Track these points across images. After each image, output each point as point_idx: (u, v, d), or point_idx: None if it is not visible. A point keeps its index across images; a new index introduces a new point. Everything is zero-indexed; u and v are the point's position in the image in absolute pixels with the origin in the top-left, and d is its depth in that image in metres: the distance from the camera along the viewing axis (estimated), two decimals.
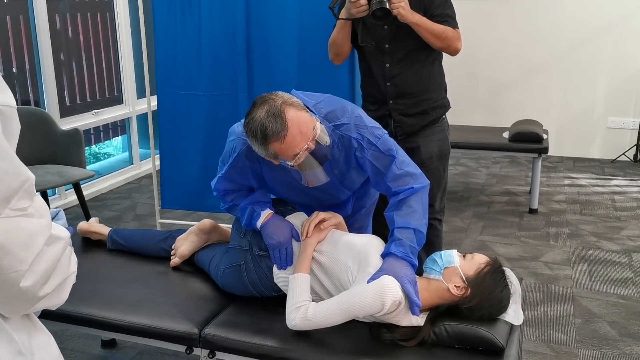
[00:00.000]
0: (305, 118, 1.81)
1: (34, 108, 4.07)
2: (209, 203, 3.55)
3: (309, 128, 1.81)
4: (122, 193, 4.97)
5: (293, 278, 1.91)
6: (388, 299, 1.73)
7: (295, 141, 1.78)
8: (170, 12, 3.32)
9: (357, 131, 1.98)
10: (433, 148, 2.74)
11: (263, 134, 1.77)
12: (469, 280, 1.83)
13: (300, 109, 1.82)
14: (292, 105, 1.80)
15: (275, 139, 1.77)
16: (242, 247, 2.11)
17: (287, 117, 1.76)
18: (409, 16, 2.45)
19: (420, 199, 1.98)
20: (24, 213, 0.95)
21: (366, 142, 1.98)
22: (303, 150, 1.82)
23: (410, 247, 1.88)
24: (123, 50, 5.20)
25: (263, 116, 1.77)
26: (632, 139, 5.76)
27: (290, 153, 1.81)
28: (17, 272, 0.94)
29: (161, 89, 3.45)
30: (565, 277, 3.38)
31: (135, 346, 2.72)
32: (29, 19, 4.23)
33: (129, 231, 2.56)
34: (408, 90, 2.66)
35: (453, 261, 1.87)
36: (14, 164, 0.93)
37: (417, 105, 2.68)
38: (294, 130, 1.77)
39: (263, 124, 1.76)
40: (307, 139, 1.81)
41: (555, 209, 4.50)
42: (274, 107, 1.77)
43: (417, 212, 1.95)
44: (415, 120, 2.70)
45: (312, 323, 1.81)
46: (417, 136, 2.72)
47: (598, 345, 2.72)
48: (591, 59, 5.72)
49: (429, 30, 2.50)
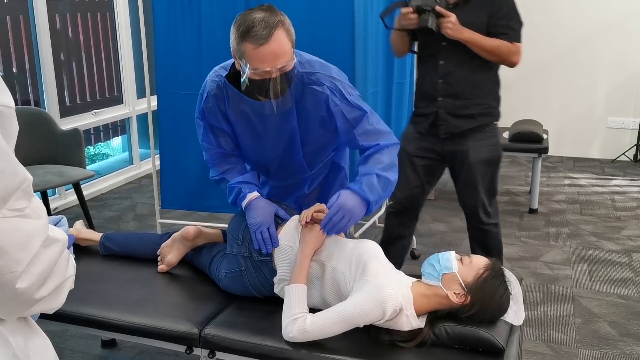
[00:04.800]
0: (288, 48, 1.86)
1: (34, 108, 4.07)
2: (209, 203, 3.54)
3: (284, 58, 1.85)
4: (122, 193, 4.97)
5: (289, 289, 1.87)
6: (388, 307, 1.72)
7: (264, 57, 1.82)
8: (170, 12, 3.32)
9: (331, 82, 2.02)
10: (482, 153, 2.74)
11: (246, 30, 1.81)
12: (469, 287, 1.79)
13: (290, 40, 1.87)
14: (287, 31, 1.85)
15: (252, 41, 1.81)
16: (242, 254, 2.09)
17: (275, 34, 1.81)
18: (457, 35, 2.54)
19: (388, 154, 2.02)
20: (21, 214, 0.94)
21: (339, 92, 2.02)
22: (264, 71, 1.85)
23: (367, 185, 1.93)
24: (123, 50, 5.20)
25: (258, 18, 1.81)
26: (632, 139, 5.76)
27: (253, 63, 1.84)
28: (12, 273, 0.93)
29: (161, 89, 3.44)
30: (565, 277, 3.38)
31: (135, 346, 2.72)
32: (29, 19, 4.23)
33: (122, 235, 2.51)
34: (458, 90, 2.68)
35: (451, 267, 1.82)
36: (12, 163, 0.93)
37: (465, 107, 2.69)
38: (272, 47, 1.81)
39: (253, 23, 1.81)
40: (275, 65, 1.84)
41: (555, 209, 4.50)
42: (271, 18, 1.82)
43: (383, 162, 1.99)
44: (460, 122, 2.71)
45: (310, 335, 1.77)
46: (467, 139, 2.73)
47: (598, 345, 2.72)
48: (591, 59, 5.72)
49: (480, 47, 2.57)
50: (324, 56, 3.06)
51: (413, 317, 1.80)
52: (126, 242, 2.46)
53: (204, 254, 2.30)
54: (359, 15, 3.07)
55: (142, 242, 2.45)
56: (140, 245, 2.43)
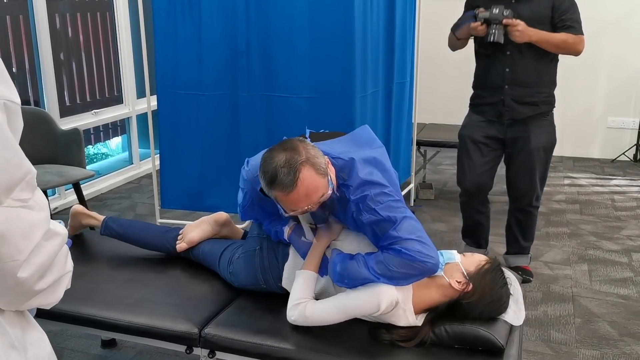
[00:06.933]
0: (318, 184, 1.76)
1: (34, 108, 4.06)
2: (209, 203, 3.55)
3: (317, 194, 1.77)
4: (122, 193, 4.97)
5: (300, 273, 1.94)
6: (384, 301, 1.76)
7: (297, 201, 1.77)
8: (170, 12, 3.32)
9: (360, 193, 1.84)
10: (542, 140, 3.00)
11: (271, 179, 1.75)
12: (470, 276, 1.84)
13: (318, 173, 1.76)
14: (313, 166, 1.75)
15: (279, 190, 1.75)
16: (261, 235, 2.17)
17: (301, 177, 1.72)
18: (525, 39, 2.74)
19: (397, 263, 1.77)
20: (24, 204, 0.97)
21: (365, 206, 1.83)
22: (302, 210, 1.81)
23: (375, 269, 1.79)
24: (123, 50, 5.20)
25: (280, 163, 1.73)
26: (632, 138, 5.76)
27: (288, 207, 1.80)
28: (14, 262, 0.96)
29: (161, 88, 3.45)
30: (565, 277, 3.38)
31: (135, 346, 2.72)
32: (29, 18, 4.23)
33: (128, 220, 2.55)
34: (525, 79, 2.88)
35: (454, 258, 1.90)
36: (18, 155, 0.96)
37: (530, 95, 2.92)
38: (300, 191, 1.74)
39: (276, 171, 1.73)
40: (310, 203, 1.78)
41: (555, 208, 4.50)
42: (294, 160, 1.73)
43: (383, 265, 1.78)
44: (524, 109, 2.94)
45: (309, 320, 1.85)
46: (528, 125, 2.97)
47: (598, 345, 2.72)
48: (591, 59, 5.71)
49: (549, 43, 2.79)
50: (324, 56, 3.09)
51: (410, 312, 1.81)
52: (129, 224, 2.48)
53: (218, 243, 2.33)
54: (359, 15, 3.07)
55: (146, 229, 2.46)
56: (143, 230, 2.45)
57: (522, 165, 3.05)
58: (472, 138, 3.08)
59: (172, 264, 2.38)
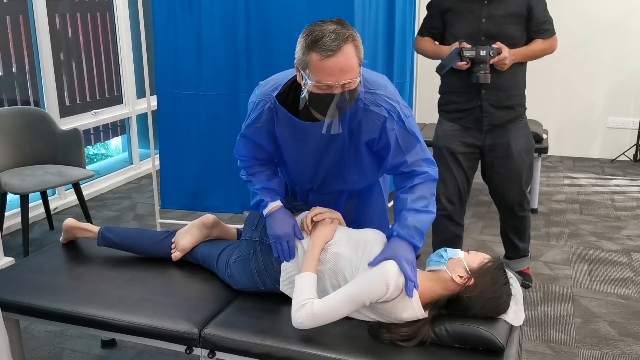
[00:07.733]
0: (354, 65, 1.76)
1: (33, 108, 4.06)
2: (209, 203, 3.55)
3: (349, 74, 1.76)
4: (122, 193, 4.97)
5: (299, 277, 1.90)
6: (391, 280, 1.76)
7: (330, 69, 1.73)
8: (170, 12, 3.32)
9: (390, 104, 1.94)
10: (521, 143, 2.93)
11: (314, 40, 1.73)
12: (473, 272, 1.85)
13: (358, 56, 1.78)
14: (356, 48, 1.77)
15: (319, 51, 1.72)
16: (253, 238, 2.14)
17: (344, 47, 1.72)
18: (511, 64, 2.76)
19: (430, 188, 1.99)
20: None
21: (397, 115, 1.93)
22: (326, 85, 1.76)
23: (415, 229, 1.90)
24: (123, 50, 5.20)
25: (329, 29, 1.73)
26: (631, 138, 5.76)
27: (318, 74, 1.75)
28: None
29: (161, 89, 3.45)
30: (565, 276, 3.39)
31: (135, 346, 2.72)
32: (28, 19, 4.23)
33: (124, 229, 2.51)
34: (502, 82, 2.82)
35: (458, 254, 1.91)
36: None
37: (507, 99, 2.86)
38: (339, 60, 1.72)
39: (323, 33, 1.72)
40: (338, 80, 1.75)
41: (555, 208, 4.50)
42: (343, 31, 1.74)
43: (427, 199, 1.97)
44: (502, 113, 2.87)
45: (318, 318, 1.79)
46: (507, 131, 2.90)
47: (598, 345, 2.72)
48: (591, 59, 5.72)
49: (530, 57, 2.84)
50: None
51: (416, 301, 1.82)
52: (126, 234, 2.45)
53: (215, 245, 2.32)
54: (359, 15, 3.07)
55: (143, 236, 2.44)
56: (140, 238, 2.43)
57: (509, 173, 2.95)
58: (450, 149, 2.93)
59: (172, 264, 2.37)
